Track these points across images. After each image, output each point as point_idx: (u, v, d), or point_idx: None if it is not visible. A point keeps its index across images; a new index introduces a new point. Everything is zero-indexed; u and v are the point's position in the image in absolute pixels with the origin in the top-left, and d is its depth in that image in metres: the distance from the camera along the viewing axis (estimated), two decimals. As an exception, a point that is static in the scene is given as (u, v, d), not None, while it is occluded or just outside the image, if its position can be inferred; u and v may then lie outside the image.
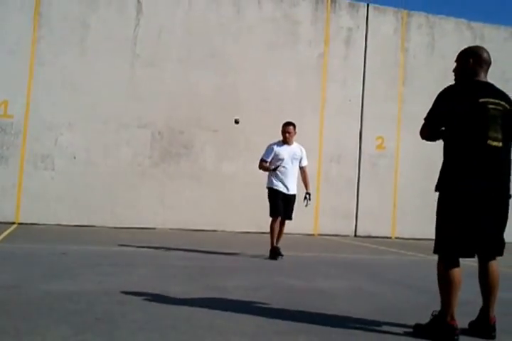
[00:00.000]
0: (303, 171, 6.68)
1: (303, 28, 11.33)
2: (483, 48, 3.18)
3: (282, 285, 4.53)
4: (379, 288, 4.58)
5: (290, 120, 6.70)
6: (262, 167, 6.54)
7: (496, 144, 2.93)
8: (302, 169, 6.66)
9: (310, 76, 11.25)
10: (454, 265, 2.89)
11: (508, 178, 3.03)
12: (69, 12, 10.14)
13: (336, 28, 11.55)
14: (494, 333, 2.94)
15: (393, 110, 11.64)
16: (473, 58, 3.10)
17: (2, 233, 7.70)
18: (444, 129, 3.03)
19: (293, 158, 6.48)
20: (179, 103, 10.50)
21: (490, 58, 3.12)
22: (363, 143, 11.50)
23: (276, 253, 6.24)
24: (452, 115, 2.96)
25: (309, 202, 6.61)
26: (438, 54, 11.78)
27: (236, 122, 6.49)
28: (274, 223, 6.37)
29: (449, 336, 2.82)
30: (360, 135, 11.51)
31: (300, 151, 6.57)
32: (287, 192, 6.42)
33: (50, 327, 2.75)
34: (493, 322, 2.97)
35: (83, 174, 9.98)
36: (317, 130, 11.11)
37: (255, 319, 3.16)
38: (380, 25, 11.82)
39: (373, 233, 11.25)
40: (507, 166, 3.02)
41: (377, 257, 7.63)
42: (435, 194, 3.08)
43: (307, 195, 6.60)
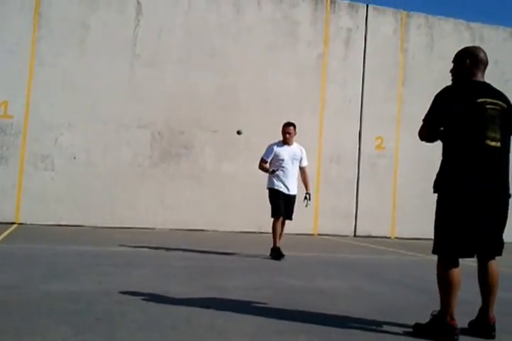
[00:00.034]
0: (303, 171, 6.69)
1: (302, 29, 11.34)
2: (479, 48, 3.19)
3: (282, 285, 4.53)
4: (378, 288, 4.59)
5: (290, 120, 6.72)
6: (262, 167, 6.55)
7: (495, 144, 2.94)
8: (302, 169, 6.67)
9: (309, 76, 11.25)
10: (453, 265, 2.90)
11: (507, 178, 3.02)
12: (69, 12, 10.15)
13: (336, 29, 11.56)
14: (494, 333, 2.95)
15: (392, 110, 11.65)
16: (469, 58, 3.11)
17: (2, 233, 7.70)
18: (442, 130, 3.03)
19: (293, 159, 6.49)
20: (179, 103, 10.50)
21: (487, 58, 3.13)
22: (363, 143, 11.51)
23: (280, 253, 6.22)
24: (448, 115, 2.97)
25: (309, 203, 6.62)
26: (437, 54, 11.79)
27: (238, 133, 6.49)
28: (277, 223, 6.37)
29: (449, 336, 2.83)
30: (359, 135, 11.51)
31: (300, 151, 6.58)
32: (288, 192, 6.43)
33: (50, 327, 2.76)
34: (492, 322, 2.98)
35: (83, 174, 9.98)
36: (317, 130, 11.12)
37: (255, 319, 3.17)
38: (380, 25, 11.83)
39: (373, 233, 11.26)
40: (506, 166, 3.02)
41: (376, 257, 7.63)
42: (434, 194, 3.09)
43: (307, 195, 6.61)
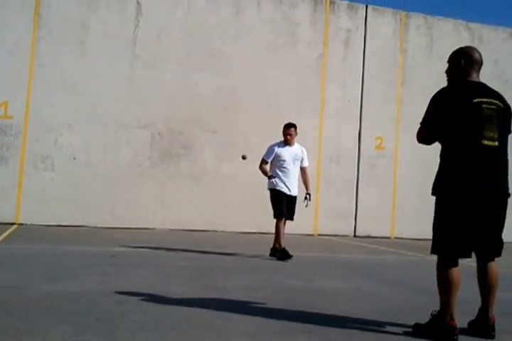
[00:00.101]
0: (303, 172, 6.68)
1: (302, 29, 11.35)
2: (474, 49, 3.19)
3: (282, 285, 4.54)
4: (378, 288, 4.59)
5: (290, 121, 6.70)
6: (262, 169, 6.55)
7: (492, 144, 2.93)
8: (303, 170, 6.66)
9: (309, 77, 11.26)
10: (453, 265, 2.90)
11: (506, 178, 3.01)
12: (69, 13, 10.15)
13: (335, 29, 11.56)
14: (493, 333, 2.95)
15: (392, 111, 11.65)
16: (464, 59, 3.11)
17: (2, 234, 7.70)
18: (440, 130, 3.02)
19: (294, 159, 6.49)
20: (179, 104, 10.50)
21: (481, 58, 3.13)
22: (362, 143, 11.51)
23: (287, 254, 6.17)
24: (447, 115, 2.96)
25: (309, 203, 6.63)
26: (436, 55, 11.79)
27: (243, 158, 6.51)
28: (280, 224, 6.36)
29: (449, 336, 2.83)
30: (359, 135, 11.52)
31: (301, 152, 6.58)
32: (289, 193, 6.42)
33: (51, 327, 2.76)
34: (492, 322, 2.98)
35: (83, 175, 9.98)
36: (316, 131, 11.12)
37: (255, 319, 3.17)
38: (379, 26, 11.84)
39: (372, 233, 11.26)
40: (505, 166, 3.01)
41: (376, 257, 7.63)
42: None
43: (307, 196, 6.61)
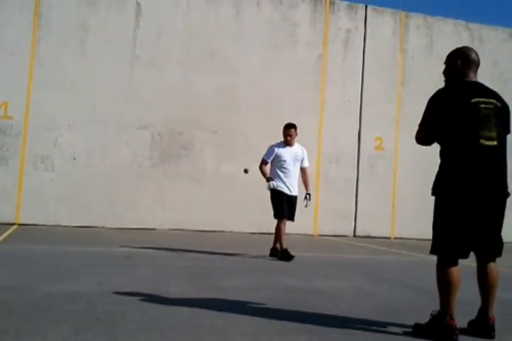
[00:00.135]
0: (304, 172, 6.67)
1: (302, 30, 11.36)
2: (470, 49, 3.19)
3: (282, 285, 4.54)
4: (378, 288, 4.59)
5: (290, 121, 6.69)
6: (261, 170, 6.55)
7: (490, 143, 2.92)
8: (303, 170, 6.65)
9: (309, 77, 11.27)
10: (453, 265, 2.90)
11: (505, 177, 3.01)
12: (69, 13, 10.16)
13: (335, 30, 11.57)
14: (493, 333, 2.95)
15: (392, 111, 11.66)
16: (460, 59, 3.12)
17: (2, 234, 7.70)
18: (439, 131, 3.00)
19: (295, 160, 6.48)
20: (179, 104, 10.51)
21: (478, 58, 3.13)
22: (362, 143, 11.52)
23: (288, 255, 6.17)
24: (446, 115, 2.95)
25: (309, 203, 6.63)
26: (436, 55, 11.79)
27: (245, 172, 6.51)
28: (281, 224, 6.35)
29: (448, 336, 2.83)
30: (358, 136, 11.53)
31: (302, 152, 6.57)
32: (290, 193, 6.42)
33: (51, 327, 2.76)
34: (492, 321, 2.98)
35: (83, 175, 9.98)
36: (316, 131, 11.13)
37: (255, 319, 3.17)
38: (379, 26, 11.85)
39: (372, 233, 11.27)
40: (504, 165, 3.00)
41: (376, 257, 7.64)
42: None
43: (307, 196, 6.61)
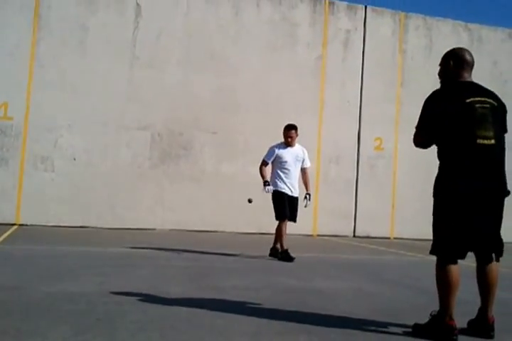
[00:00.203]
0: (304, 172, 6.66)
1: (301, 30, 11.36)
2: (463, 49, 3.20)
3: (282, 285, 4.55)
4: (378, 289, 4.60)
5: (291, 122, 6.68)
6: (261, 171, 6.54)
7: (487, 142, 2.91)
8: (304, 170, 6.64)
9: (308, 77, 11.27)
10: (452, 265, 2.90)
11: (504, 176, 3.00)
12: (68, 14, 10.16)
13: (334, 30, 11.58)
14: (493, 333, 2.95)
15: (391, 111, 11.67)
16: (453, 60, 3.13)
17: (2, 234, 7.70)
18: (437, 132, 2.99)
19: (296, 160, 6.48)
20: (178, 105, 10.52)
21: (472, 58, 3.13)
22: (362, 144, 11.53)
23: (288, 256, 6.16)
24: (444, 116, 2.95)
25: (309, 203, 6.64)
26: (436, 56, 11.71)
27: (249, 201, 6.54)
28: (282, 225, 6.34)
29: (448, 336, 2.83)
30: (358, 136, 11.53)
31: (302, 153, 6.57)
32: (291, 194, 6.42)
33: (51, 327, 2.76)
34: (491, 321, 2.98)
35: (83, 175, 9.99)
36: (316, 131, 11.13)
37: (255, 319, 3.18)
38: (378, 27, 11.86)
39: (372, 233, 11.27)
40: (502, 164, 3.00)
41: (376, 257, 7.64)
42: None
43: (307, 195, 6.61)
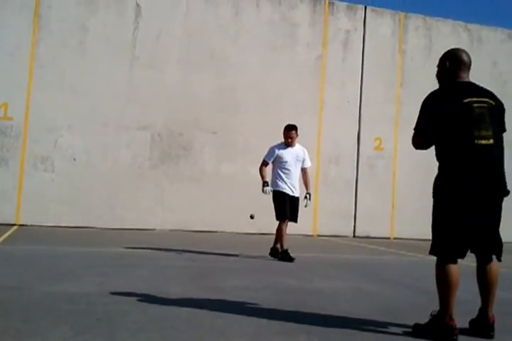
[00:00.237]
0: (304, 172, 6.66)
1: (301, 31, 11.37)
2: (460, 50, 3.20)
3: (282, 285, 4.55)
4: (378, 289, 4.60)
5: (291, 122, 6.68)
6: (261, 171, 6.54)
7: (485, 142, 2.91)
8: (304, 170, 6.64)
9: (308, 78, 11.28)
10: (452, 265, 2.91)
11: (503, 176, 3.00)
12: (68, 14, 10.17)
13: (334, 30, 11.59)
14: (493, 332, 2.96)
15: (391, 111, 11.68)
16: (449, 60, 3.13)
17: (2, 235, 7.70)
18: (436, 132, 2.98)
19: (296, 160, 6.48)
20: (178, 105, 10.52)
21: (468, 59, 3.13)
22: (361, 144, 11.53)
23: (288, 256, 6.17)
24: (442, 116, 2.95)
25: (309, 202, 6.64)
26: (435, 56, 11.67)
27: (251, 217, 6.55)
28: (283, 226, 6.33)
29: (448, 336, 2.83)
30: (358, 136, 11.54)
31: (303, 153, 6.57)
32: (292, 194, 6.42)
33: (51, 327, 2.77)
34: (491, 321, 2.98)
35: (83, 176, 9.99)
36: (315, 131, 11.14)
37: (255, 319, 3.18)
38: (378, 27, 11.87)
39: (372, 234, 11.28)
40: (501, 164, 2.99)
41: (376, 257, 7.65)
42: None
43: (307, 195, 6.61)
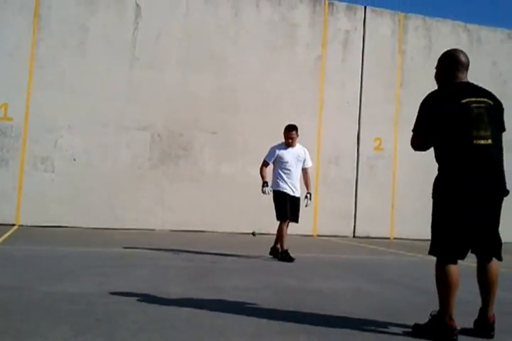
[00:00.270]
0: (305, 172, 6.65)
1: (301, 31, 11.37)
2: (458, 50, 3.21)
3: (282, 285, 4.55)
4: (378, 289, 4.60)
5: (291, 122, 6.68)
6: (261, 172, 6.55)
7: (484, 142, 2.91)
8: (305, 170, 6.63)
9: (308, 78, 11.28)
10: (451, 265, 2.91)
11: (502, 175, 2.99)
12: (68, 15, 10.17)
13: (334, 31, 11.59)
14: (493, 332, 2.96)
15: (391, 112, 11.68)
16: (447, 62, 3.15)
17: (2, 235, 7.70)
18: (435, 132, 2.98)
19: (297, 160, 6.48)
20: (178, 105, 10.52)
21: (467, 59, 3.14)
22: (361, 144, 11.53)
23: (288, 257, 6.17)
24: (441, 116, 2.95)
25: (310, 202, 6.64)
26: (435, 56, 11.63)
27: (253, 234, 6.57)
28: (283, 226, 6.33)
29: (448, 336, 2.83)
30: (358, 136, 11.54)
31: (303, 153, 6.57)
32: (293, 194, 6.42)
33: (51, 328, 2.77)
34: (491, 321, 2.98)
35: (83, 176, 9.99)
36: (315, 132, 11.14)
37: (255, 319, 3.18)
38: (378, 27, 11.87)
39: (372, 234, 11.28)
40: (500, 163, 2.99)
41: (376, 257, 7.65)
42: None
43: (308, 195, 6.61)
